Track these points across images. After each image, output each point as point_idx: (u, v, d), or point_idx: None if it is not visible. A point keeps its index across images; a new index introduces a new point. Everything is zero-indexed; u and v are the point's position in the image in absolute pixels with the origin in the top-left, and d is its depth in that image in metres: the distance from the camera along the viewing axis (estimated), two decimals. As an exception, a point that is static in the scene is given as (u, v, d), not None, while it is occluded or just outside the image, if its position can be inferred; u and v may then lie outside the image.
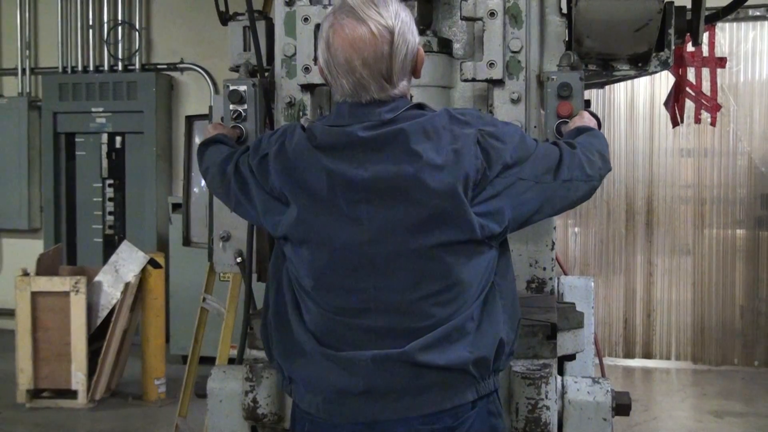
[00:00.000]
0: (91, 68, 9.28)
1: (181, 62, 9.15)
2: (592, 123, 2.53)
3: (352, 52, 2.05)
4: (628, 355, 8.07)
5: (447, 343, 2.04)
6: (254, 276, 3.31)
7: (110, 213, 9.12)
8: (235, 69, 3.14)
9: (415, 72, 2.18)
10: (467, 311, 2.07)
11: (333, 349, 2.09)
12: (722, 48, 7.46)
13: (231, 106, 2.83)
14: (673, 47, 2.96)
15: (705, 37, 4.91)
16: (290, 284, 2.20)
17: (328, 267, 2.10)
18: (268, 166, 2.19)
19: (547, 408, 2.40)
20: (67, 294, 6.48)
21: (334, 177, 2.06)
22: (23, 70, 9.61)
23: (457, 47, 2.90)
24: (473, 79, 2.71)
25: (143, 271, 6.69)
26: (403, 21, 2.08)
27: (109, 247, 8.51)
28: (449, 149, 2.04)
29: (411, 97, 2.23)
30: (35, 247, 8.83)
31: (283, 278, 2.23)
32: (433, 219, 2.03)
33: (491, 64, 2.67)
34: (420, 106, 2.15)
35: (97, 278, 6.66)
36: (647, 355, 8.07)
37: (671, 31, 2.91)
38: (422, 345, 2.03)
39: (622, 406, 2.53)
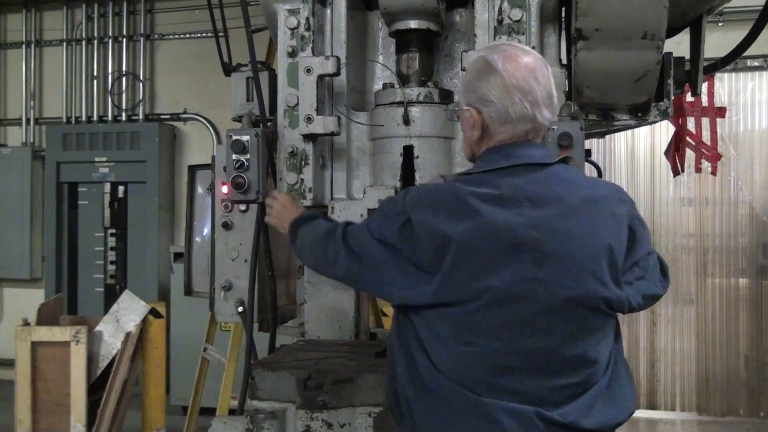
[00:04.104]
0: (95, 118, 9.34)
1: (184, 112, 9.21)
2: None
3: (530, 77, 2.07)
4: (633, 405, 7.98)
5: (594, 408, 2.02)
6: (255, 325, 3.30)
7: (112, 262, 9.10)
8: (238, 119, 3.17)
9: None
10: (605, 373, 2.06)
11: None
12: (721, 98, 7.51)
13: (233, 156, 2.83)
14: (672, 97, 2.99)
15: (704, 87, 4.96)
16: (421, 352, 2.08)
17: (513, 324, 2.00)
18: (413, 230, 2.05)
19: (551, 460, 2.36)
20: (67, 344, 6.43)
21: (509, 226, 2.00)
22: (27, 120, 9.67)
23: (458, 98, 2.91)
24: (474, 129, 2.71)
25: (144, 320, 6.65)
26: None
27: (111, 296, 8.46)
28: (607, 221, 2.05)
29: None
30: (36, 296, 8.79)
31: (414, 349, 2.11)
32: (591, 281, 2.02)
33: (492, 114, 2.68)
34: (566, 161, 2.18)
35: (97, 328, 6.62)
36: (652, 405, 7.98)
37: (670, 81, 2.94)
38: (580, 410, 2.00)
39: (627, 458, 2.50)
